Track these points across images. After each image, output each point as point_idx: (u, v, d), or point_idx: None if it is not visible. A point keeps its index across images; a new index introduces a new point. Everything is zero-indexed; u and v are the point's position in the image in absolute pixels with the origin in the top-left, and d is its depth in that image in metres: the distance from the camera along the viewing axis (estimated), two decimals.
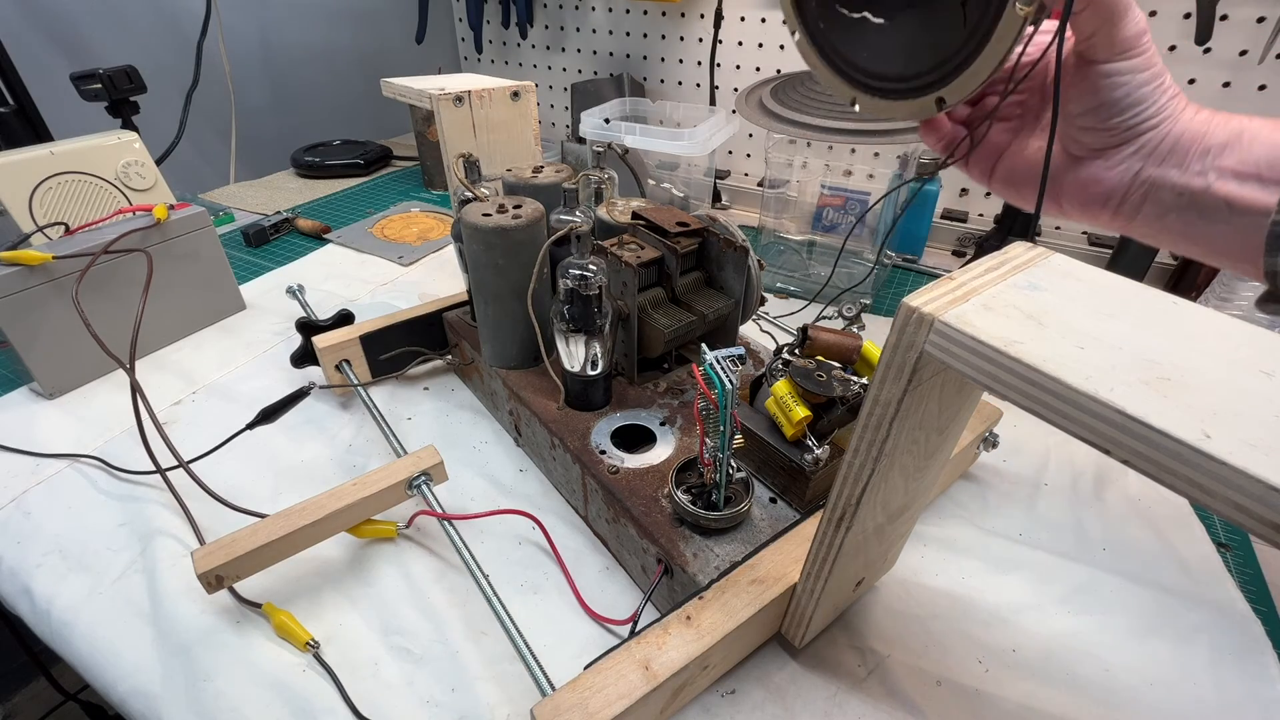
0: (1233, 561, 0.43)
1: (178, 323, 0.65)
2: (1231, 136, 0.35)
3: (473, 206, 0.46)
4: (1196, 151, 0.35)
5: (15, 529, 0.45)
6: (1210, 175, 0.34)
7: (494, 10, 1.19)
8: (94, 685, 0.38)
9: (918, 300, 0.22)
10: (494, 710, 0.35)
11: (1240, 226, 0.34)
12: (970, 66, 0.38)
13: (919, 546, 0.44)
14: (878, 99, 0.46)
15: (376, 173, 1.15)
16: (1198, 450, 0.16)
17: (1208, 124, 0.35)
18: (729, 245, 0.46)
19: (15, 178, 0.64)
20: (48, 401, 0.57)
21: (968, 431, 0.44)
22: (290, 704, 0.35)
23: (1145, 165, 0.36)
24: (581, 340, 0.43)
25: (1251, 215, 0.33)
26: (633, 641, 0.31)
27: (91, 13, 0.96)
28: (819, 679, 0.36)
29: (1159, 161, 0.36)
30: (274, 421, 0.52)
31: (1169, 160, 0.36)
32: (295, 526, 0.39)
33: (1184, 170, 0.35)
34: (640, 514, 0.38)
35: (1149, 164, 0.36)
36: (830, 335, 0.40)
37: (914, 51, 0.45)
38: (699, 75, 1.05)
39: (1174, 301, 0.22)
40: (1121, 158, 0.37)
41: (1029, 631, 0.39)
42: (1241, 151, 0.34)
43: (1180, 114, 0.36)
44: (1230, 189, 0.34)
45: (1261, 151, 0.33)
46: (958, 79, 0.39)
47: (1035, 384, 0.19)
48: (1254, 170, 0.33)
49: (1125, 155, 0.37)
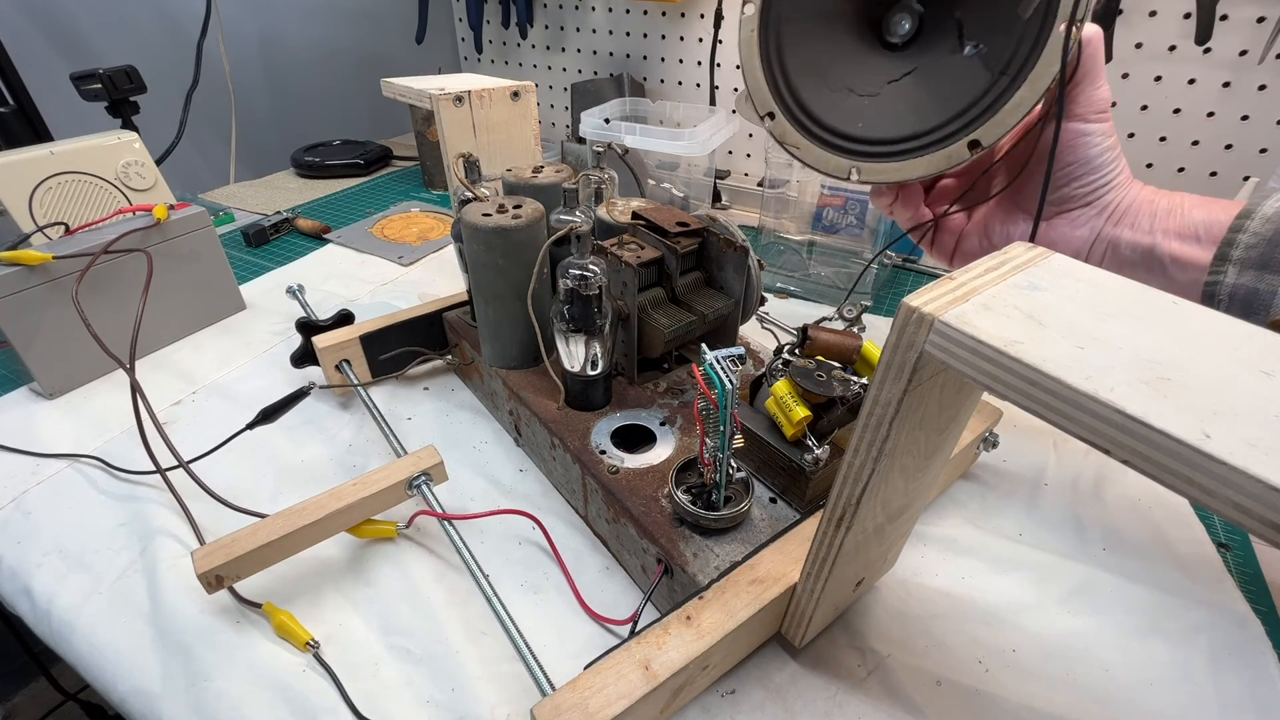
0: (1233, 561, 0.43)
1: (178, 323, 0.65)
2: (1174, 205, 0.41)
3: (473, 206, 0.46)
4: (1145, 214, 0.41)
5: (15, 529, 0.45)
6: (1157, 235, 0.40)
7: (494, 10, 1.19)
8: (94, 685, 0.38)
9: (918, 300, 0.22)
10: (494, 710, 0.35)
11: (1182, 284, 0.39)
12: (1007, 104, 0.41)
13: (919, 546, 0.44)
14: (883, 162, 0.46)
15: (376, 173, 1.15)
16: (1198, 450, 0.16)
17: (1154, 194, 0.42)
18: (729, 245, 0.46)
19: (15, 178, 0.64)
20: (48, 401, 0.57)
21: (968, 431, 0.44)
22: (290, 704, 0.35)
23: (1105, 224, 0.42)
24: (581, 340, 0.43)
25: (1191, 271, 0.39)
26: (633, 641, 0.31)
27: (91, 13, 0.96)
28: (819, 679, 0.36)
29: (1115, 221, 0.41)
30: (274, 421, 0.52)
31: (1123, 221, 0.41)
32: (295, 526, 0.39)
33: (1135, 230, 0.41)
34: (640, 514, 0.38)
35: (1108, 224, 0.42)
36: (830, 335, 0.40)
37: (922, 109, 0.46)
38: (699, 75, 1.05)
39: (1174, 301, 0.22)
40: (1087, 217, 0.42)
41: (1029, 631, 0.39)
42: (1182, 217, 0.40)
43: (1130, 184, 0.42)
44: (1174, 247, 0.39)
45: (1199, 216, 0.39)
46: (992, 119, 0.41)
47: (1035, 384, 0.19)
48: (1193, 232, 0.39)
49: (1090, 215, 0.42)
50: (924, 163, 0.44)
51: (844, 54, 0.49)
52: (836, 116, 0.48)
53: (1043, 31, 0.39)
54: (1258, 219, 0.36)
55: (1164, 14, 0.72)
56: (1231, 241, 0.37)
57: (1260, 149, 0.73)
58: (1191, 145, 0.77)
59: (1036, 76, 0.39)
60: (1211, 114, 0.74)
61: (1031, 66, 0.39)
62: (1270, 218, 0.36)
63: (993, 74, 0.42)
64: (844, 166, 0.47)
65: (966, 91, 0.43)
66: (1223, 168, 0.76)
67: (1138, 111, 0.78)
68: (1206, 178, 0.77)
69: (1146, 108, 0.77)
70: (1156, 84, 0.76)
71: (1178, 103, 0.76)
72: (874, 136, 0.46)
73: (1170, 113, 0.76)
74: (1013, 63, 0.41)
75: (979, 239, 0.47)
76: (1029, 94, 0.40)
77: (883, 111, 0.47)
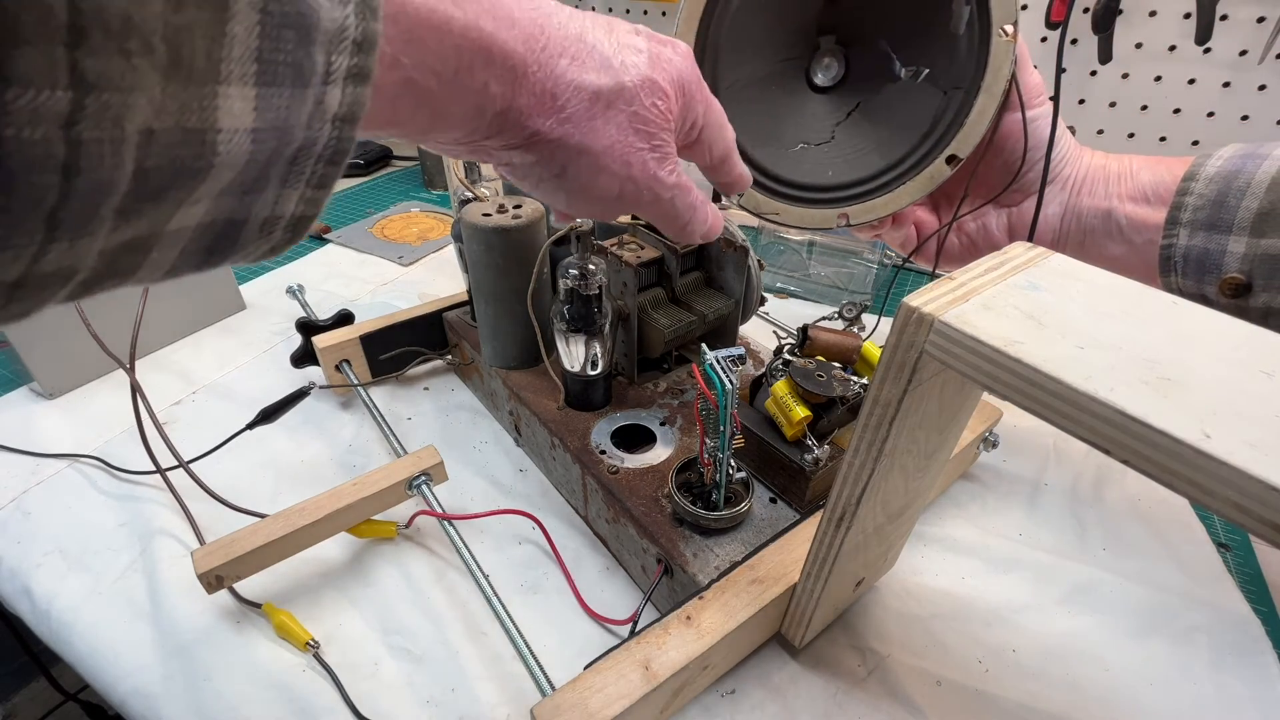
0: (1233, 561, 0.43)
1: (178, 323, 0.65)
2: (1124, 169, 0.42)
3: (473, 206, 0.46)
4: (1100, 180, 0.43)
5: (15, 529, 0.45)
6: (1113, 199, 0.42)
7: None
8: (94, 685, 0.38)
9: (918, 300, 0.22)
10: (494, 710, 0.35)
11: (1140, 246, 0.41)
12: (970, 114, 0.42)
13: (919, 546, 0.44)
14: (869, 200, 0.48)
15: (376, 173, 1.14)
16: (1198, 450, 0.16)
17: (1105, 160, 0.44)
18: (729, 245, 0.46)
19: None
20: (48, 401, 0.57)
21: (968, 431, 0.44)
22: (290, 704, 0.35)
23: (1070, 195, 0.44)
24: (581, 340, 0.43)
25: (1146, 232, 0.40)
26: (633, 641, 0.31)
27: None
28: (819, 679, 0.36)
29: (1077, 191, 0.44)
30: (274, 421, 0.52)
31: (1083, 190, 0.43)
32: (295, 526, 0.39)
33: (1093, 196, 0.43)
34: (640, 514, 0.38)
35: (1072, 195, 0.44)
36: (830, 335, 0.40)
37: (884, 141, 0.47)
38: None
39: (1174, 301, 0.22)
40: (1053, 194, 0.44)
41: (1029, 631, 0.39)
42: (1132, 180, 0.42)
43: (1082, 154, 0.44)
44: (1128, 209, 0.41)
45: (1147, 178, 0.41)
46: (960, 132, 0.43)
47: (1035, 384, 0.19)
48: (1143, 194, 0.41)
49: (1055, 191, 0.44)
50: (909, 189, 0.46)
51: (786, 113, 0.51)
52: (803, 172, 0.50)
53: (982, 42, 0.42)
54: (1201, 180, 0.38)
55: (1164, 14, 0.72)
56: (1180, 205, 0.38)
57: None
58: (1191, 145, 0.77)
59: (990, 83, 0.42)
60: (1211, 114, 0.74)
61: (982, 75, 0.42)
62: (1212, 178, 0.37)
63: (943, 90, 0.43)
64: (830, 217, 0.49)
65: (923, 113, 0.45)
66: None
67: (1138, 111, 0.78)
68: None
69: (1146, 108, 0.77)
70: (1156, 84, 0.76)
71: (1178, 103, 0.76)
72: (849, 180, 0.48)
73: (1170, 113, 0.76)
74: (962, 76, 0.43)
75: (957, 237, 0.49)
76: (988, 100, 0.43)
77: (847, 154, 0.49)
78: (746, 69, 0.48)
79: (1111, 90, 0.79)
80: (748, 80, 0.49)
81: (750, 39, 0.48)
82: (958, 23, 0.42)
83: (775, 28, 0.48)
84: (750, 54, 0.48)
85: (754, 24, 0.47)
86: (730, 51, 0.47)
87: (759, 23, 0.47)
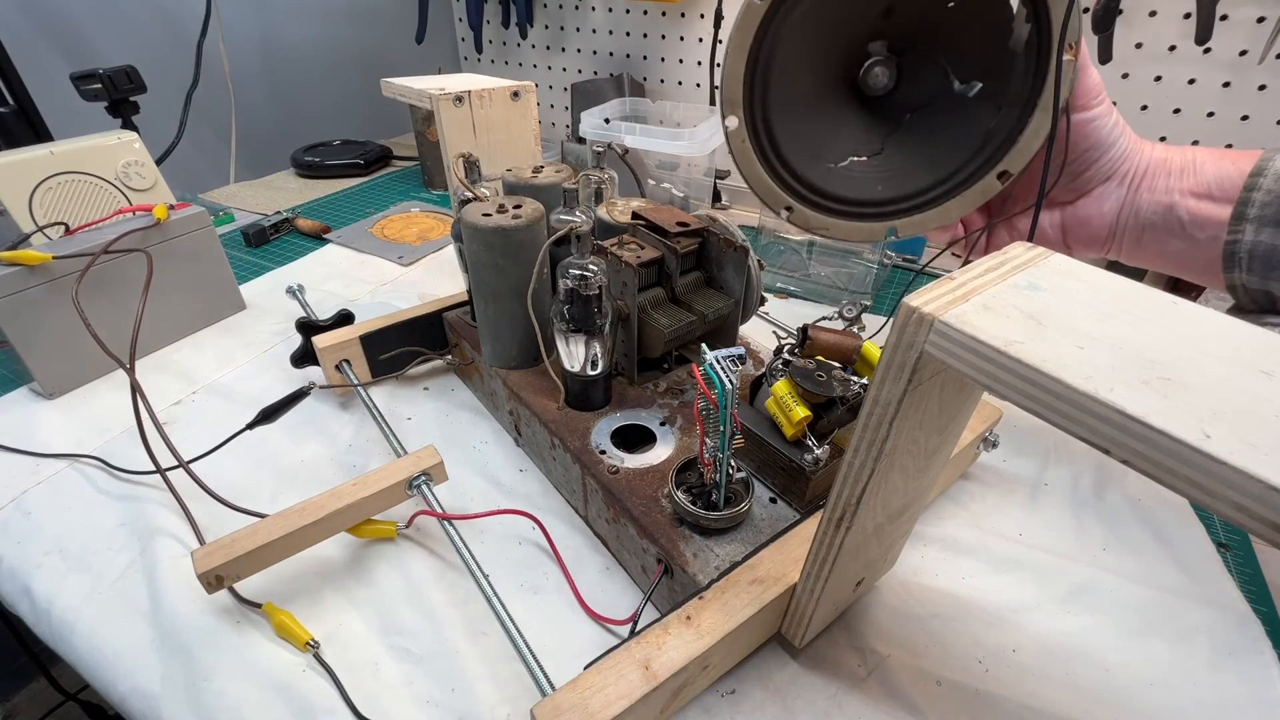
0: (1233, 561, 0.43)
1: (178, 323, 0.65)
2: (1187, 163, 0.41)
3: (473, 206, 0.46)
4: (1161, 174, 0.42)
5: (15, 529, 0.45)
6: (1174, 194, 0.41)
7: (494, 10, 1.19)
8: (94, 685, 0.38)
9: (918, 300, 0.22)
10: (494, 710, 0.35)
11: (1202, 242, 0.40)
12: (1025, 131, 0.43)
13: (919, 546, 0.44)
14: (920, 214, 0.47)
15: (376, 173, 1.15)
16: (1198, 450, 0.16)
17: (1166, 153, 0.42)
18: (729, 245, 0.46)
19: (15, 178, 0.64)
20: (48, 401, 0.57)
21: (968, 431, 0.44)
22: (290, 704, 0.35)
23: (1128, 191, 0.43)
24: (581, 340, 0.43)
25: (1210, 229, 0.39)
26: (633, 641, 0.31)
27: (91, 13, 0.96)
28: (819, 679, 0.36)
29: (1135, 187, 0.42)
30: (274, 421, 0.52)
31: (1143, 184, 0.42)
32: (295, 526, 0.39)
33: (1153, 191, 0.42)
34: (640, 514, 0.38)
35: (1129, 191, 0.43)
36: (830, 335, 0.40)
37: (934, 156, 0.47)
38: (699, 75, 1.05)
39: (1174, 301, 0.22)
40: (1110, 190, 0.43)
41: (1029, 631, 0.39)
42: (1195, 175, 0.40)
43: (1142, 148, 0.43)
44: (1190, 205, 0.40)
45: (1211, 172, 0.40)
46: (1014, 149, 0.43)
47: (1035, 384, 0.19)
48: (1206, 190, 0.40)
49: (1112, 188, 0.43)
50: (959, 203, 0.46)
51: (837, 126, 0.50)
52: (852, 187, 0.49)
53: (1040, 60, 0.41)
54: (1270, 175, 0.37)
55: (1164, 14, 0.72)
56: (1247, 200, 0.37)
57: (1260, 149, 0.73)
58: (1191, 145, 0.77)
59: (1047, 102, 0.41)
60: (1211, 114, 0.74)
61: (1039, 92, 0.41)
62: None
63: (998, 106, 0.43)
64: (880, 229, 0.49)
65: (975, 128, 0.45)
66: None
67: (1138, 111, 0.78)
68: None
69: (1146, 108, 0.77)
70: (1156, 84, 0.76)
71: (1178, 103, 0.76)
72: (898, 194, 0.48)
73: (1170, 113, 0.76)
74: (1018, 93, 0.42)
75: (1008, 233, 0.48)
76: (1044, 118, 0.42)
77: (896, 169, 0.49)
78: (798, 88, 0.48)
79: (1111, 90, 0.78)
80: (799, 99, 0.48)
81: (802, 58, 0.48)
82: (1017, 42, 0.41)
83: (828, 44, 0.48)
84: (801, 72, 0.48)
85: (806, 43, 0.47)
86: (781, 73, 0.47)
87: (812, 41, 0.47)
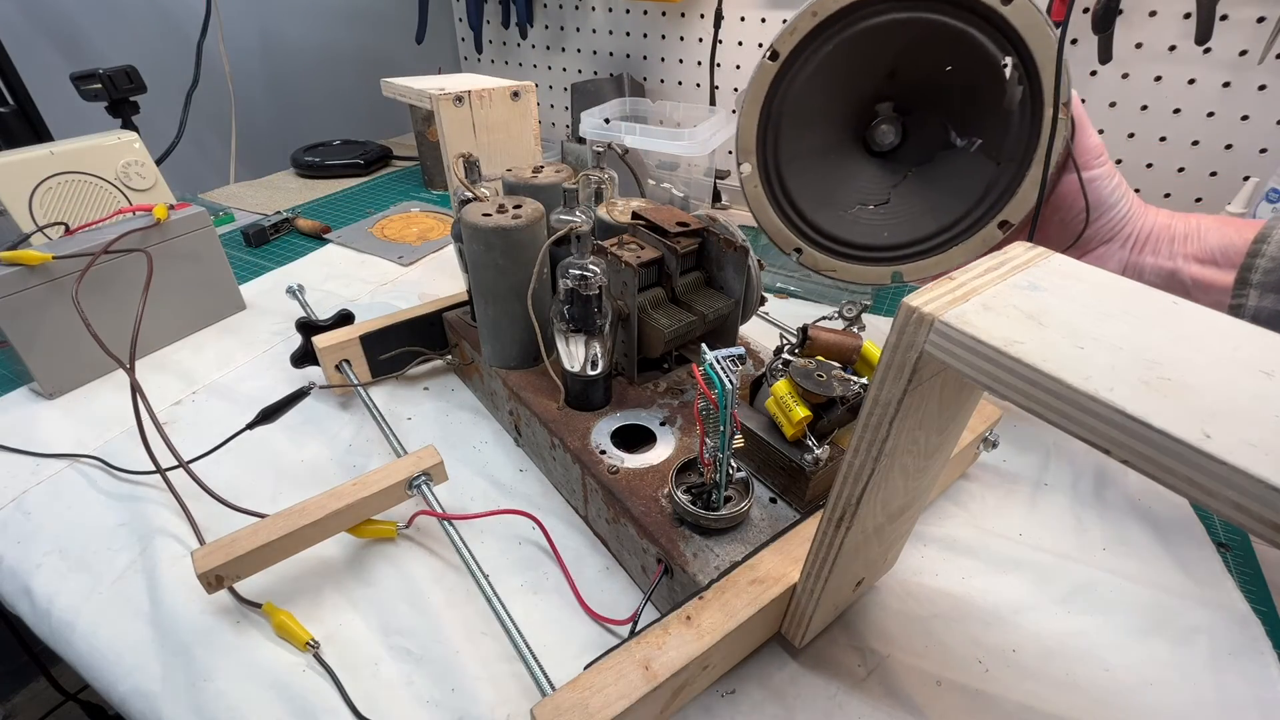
0: (1233, 561, 0.43)
1: (178, 323, 0.65)
2: (1191, 229, 0.43)
3: (473, 206, 0.46)
4: (1165, 240, 0.43)
5: (15, 529, 0.45)
6: (1178, 260, 0.42)
7: (494, 10, 1.19)
8: (94, 685, 0.38)
9: (918, 300, 0.22)
10: (494, 710, 0.35)
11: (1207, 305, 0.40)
12: (1023, 183, 0.45)
13: (919, 546, 0.44)
14: (923, 260, 0.49)
15: (376, 173, 1.15)
16: (1198, 450, 0.16)
17: (1170, 219, 0.44)
18: (729, 245, 0.46)
19: (15, 178, 0.64)
20: (48, 401, 0.57)
21: (968, 431, 0.44)
22: (290, 704, 0.35)
23: (1130, 254, 0.44)
24: (581, 340, 0.43)
25: (1214, 294, 0.41)
26: (633, 641, 0.31)
27: (91, 13, 0.96)
28: (819, 679, 0.36)
29: (1139, 250, 0.44)
30: (274, 421, 0.52)
31: (1146, 248, 0.44)
32: (295, 526, 0.39)
33: (1157, 255, 0.43)
34: (640, 514, 0.38)
35: (1133, 253, 0.44)
36: (830, 335, 0.40)
37: (938, 205, 0.49)
38: (699, 75, 1.05)
39: (1174, 301, 0.22)
40: (1112, 251, 0.45)
41: (1029, 631, 0.39)
42: (1199, 241, 0.42)
43: (1146, 212, 0.44)
44: (1194, 270, 0.42)
45: (1215, 240, 0.41)
46: (1013, 200, 0.45)
47: (1035, 384, 0.19)
48: (1211, 256, 0.41)
49: (1114, 249, 0.45)
50: (962, 250, 0.49)
51: (845, 177, 0.53)
52: (859, 232, 0.52)
53: (1034, 118, 0.43)
54: (1273, 243, 0.38)
55: (1164, 14, 0.72)
56: (1250, 266, 0.39)
57: (1260, 149, 0.73)
58: (1191, 145, 0.77)
59: (1041, 156, 0.43)
60: (1211, 114, 0.74)
61: (1035, 147, 0.43)
62: None
63: (997, 161, 0.45)
64: (884, 274, 0.51)
65: (976, 180, 0.48)
66: (1223, 168, 0.76)
67: (1138, 111, 0.78)
68: (1206, 177, 0.77)
69: (1146, 108, 0.77)
70: (1156, 84, 0.76)
71: (1178, 103, 0.76)
72: (903, 241, 0.50)
73: (1170, 113, 0.76)
74: (1015, 148, 0.44)
75: None
76: (1041, 170, 0.43)
77: (902, 217, 0.51)
78: (807, 140, 0.51)
79: (1111, 90, 0.78)
80: (809, 150, 0.52)
81: (811, 112, 0.51)
82: (1011, 101, 0.43)
83: (836, 101, 0.51)
84: (811, 126, 0.51)
85: (815, 99, 0.50)
86: (792, 125, 0.50)
87: (820, 98, 0.50)
